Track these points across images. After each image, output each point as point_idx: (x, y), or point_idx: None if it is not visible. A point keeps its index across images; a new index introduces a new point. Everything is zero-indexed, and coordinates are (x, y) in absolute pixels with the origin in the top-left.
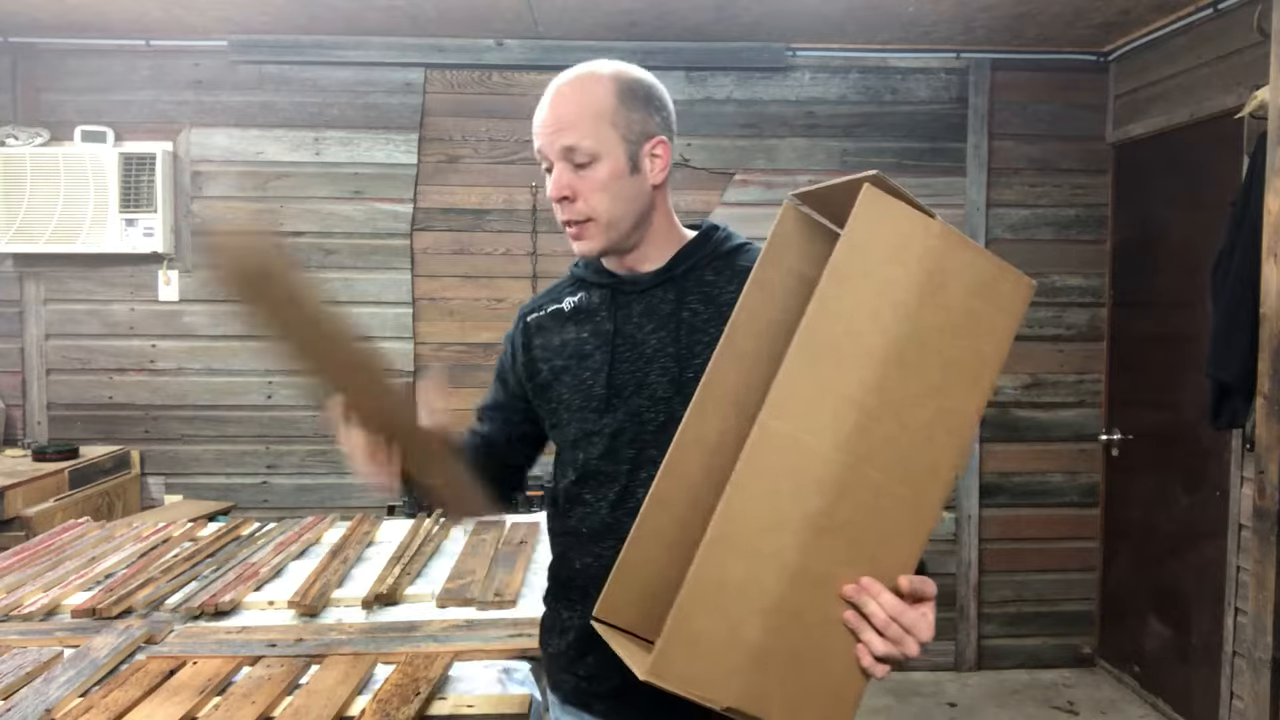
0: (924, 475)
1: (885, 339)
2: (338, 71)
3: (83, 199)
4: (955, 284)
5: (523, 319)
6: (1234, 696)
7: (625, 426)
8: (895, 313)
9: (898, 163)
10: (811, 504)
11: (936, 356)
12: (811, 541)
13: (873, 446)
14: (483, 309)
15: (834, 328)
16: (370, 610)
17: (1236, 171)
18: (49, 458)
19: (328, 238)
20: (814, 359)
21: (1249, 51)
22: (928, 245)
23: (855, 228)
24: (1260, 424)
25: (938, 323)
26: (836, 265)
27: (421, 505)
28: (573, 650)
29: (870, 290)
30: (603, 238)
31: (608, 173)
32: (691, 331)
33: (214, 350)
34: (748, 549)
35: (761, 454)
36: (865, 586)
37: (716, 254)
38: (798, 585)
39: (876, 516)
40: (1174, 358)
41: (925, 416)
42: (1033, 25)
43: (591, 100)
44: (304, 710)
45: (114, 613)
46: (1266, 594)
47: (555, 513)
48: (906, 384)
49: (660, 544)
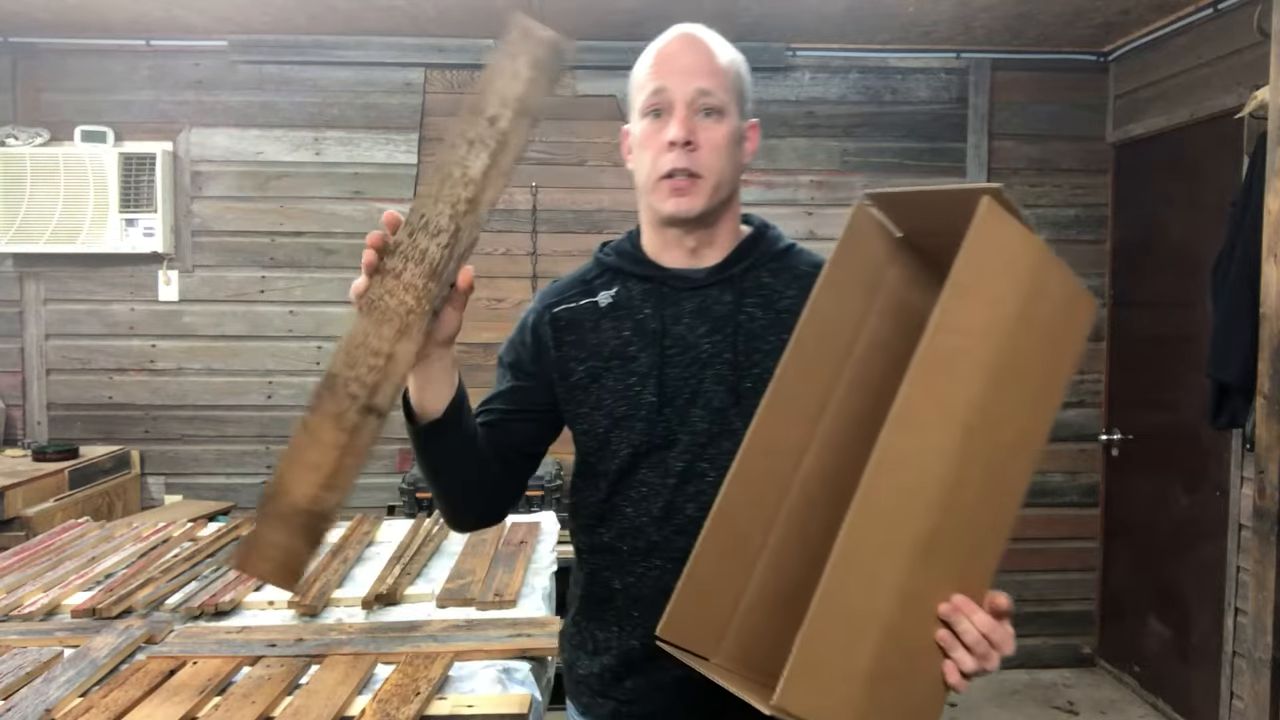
0: (1004, 497)
1: (991, 356)
2: (338, 71)
3: (83, 199)
4: (1047, 303)
5: (548, 309)
6: (1234, 696)
7: (678, 437)
8: (1001, 329)
9: (898, 163)
10: (921, 525)
11: (1026, 376)
12: (917, 564)
13: (971, 467)
14: (483, 309)
15: (952, 341)
16: (370, 610)
17: (1236, 171)
18: (49, 458)
19: (328, 238)
20: (933, 373)
21: (1249, 51)
22: (1031, 262)
23: (976, 240)
24: (1260, 424)
25: (1030, 342)
26: (959, 277)
27: (424, 496)
28: (610, 673)
29: (983, 305)
30: (705, 198)
31: (728, 132)
32: (750, 338)
33: (214, 350)
34: (866, 572)
35: (884, 472)
36: (959, 605)
37: (771, 254)
38: (904, 609)
39: (967, 538)
40: (1174, 358)
41: (1011, 437)
42: (1033, 25)
43: (726, 57)
44: (304, 710)
45: (114, 613)
46: (1266, 594)
47: (583, 526)
48: (1001, 403)
49: (722, 558)
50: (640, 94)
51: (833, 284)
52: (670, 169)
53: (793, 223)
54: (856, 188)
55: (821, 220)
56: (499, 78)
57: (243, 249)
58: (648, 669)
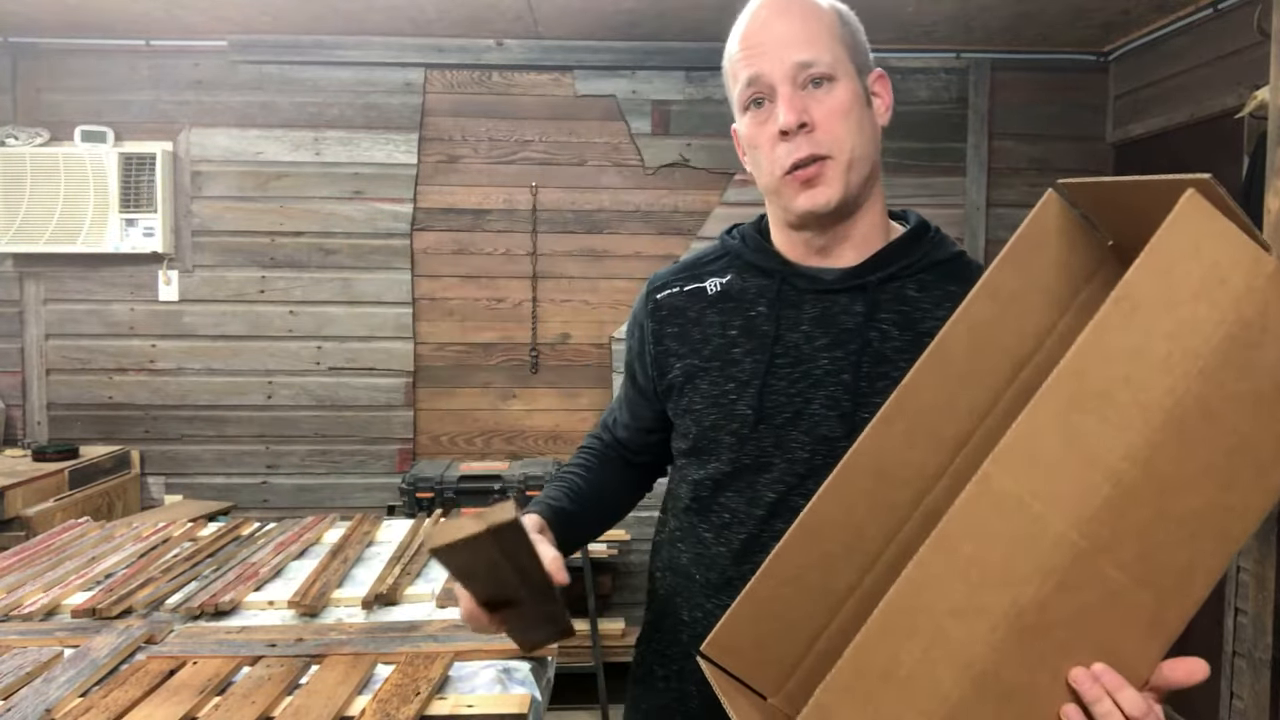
0: (1173, 581)
1: (1171, 398)
2: (338, 71)
3: (83, 199)
4: (1275, 344)
5: (651, 295)
6: (1234, 696)
7: (773, 462)
8: (1191, 366)
9: (898, 163)
10: (1025, 593)
11: (1228, 434)
12: (1012, 640)
13: (1119, 534)
14: (483, 309)
15: (1109, 370)
16: (370, 610)
17: (1236, 171)
18: (49, 458)
19: (328, 238)
20: (1072, 406)
21: (1249, 51)
22: (1253, 285)
23: (1164, 244)
24: None
25: (1240, 390)
26: (1130, 289)
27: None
28: (669, 710)
29: (1166, 330)
30: (841, 183)
31: (849, 96)
32: (878, 360)
33: (214, 350)
34: (930, 631)
35: (976, 514)
36: (1100, 676)
37: (926, 263)
38: (981, 693)
39: (1100, 625)
40: None
41: (1193, 507)
42: (1033, 25)
43: (819, 12)
44: (304, 710)
45: (114, 613)
46: (1266, 594)
47: (665, 539)
48: (1182, 461)
49: (796, 583)
50: (736, 85)
51: (993, 290)
52: (792, 162)
53: None
54: None
55: None
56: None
57: (243, 249)
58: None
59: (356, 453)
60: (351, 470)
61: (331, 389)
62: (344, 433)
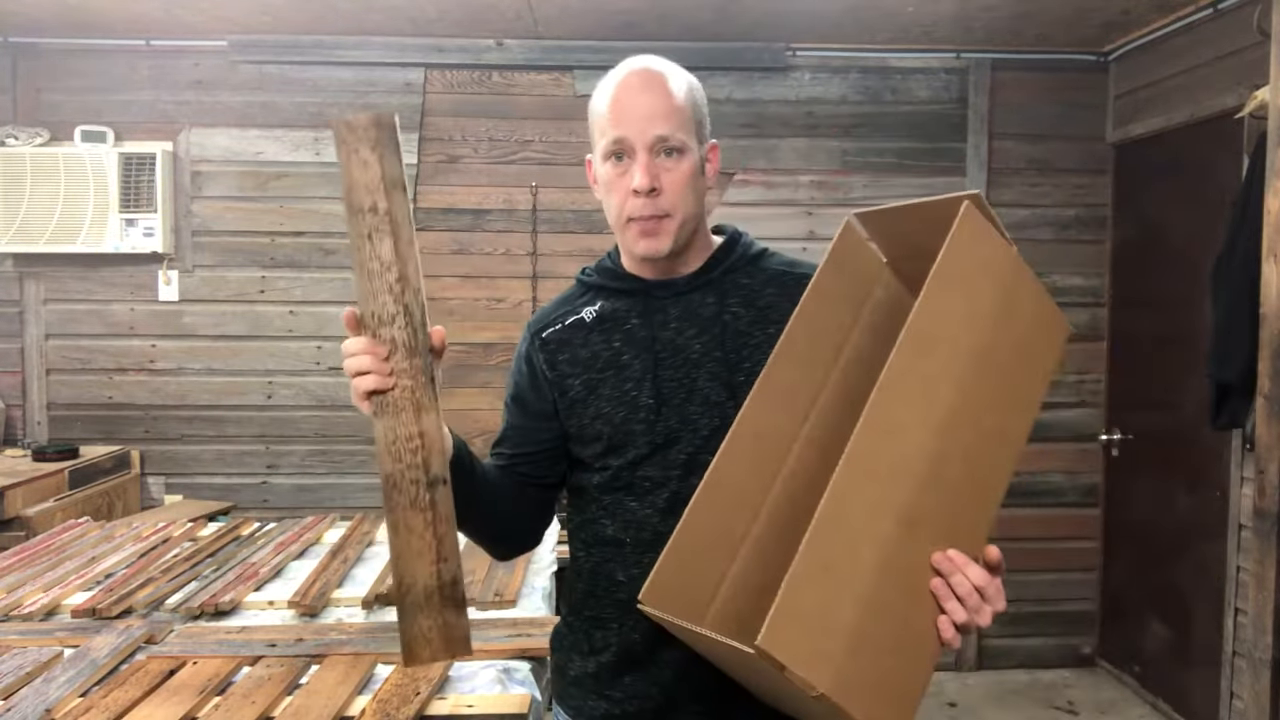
0: (989, 478)
1: (973, 342)
2: (338, 71)
3: (83, 199)
4: (1022, 310)
5: (536, 336)
6: (1234, 696)
7: (680, 434)
8: (982, 321)
9: (898, 163)
10: (906, 493)
11: (1004, 373)
12: (905, 530)
13: (955, 443)
14: (482, 309)
15: (935, 326)
16: (370, 610)
17: (1236, 171)
18: (49, 458)
19: (328, 238)
20: (919, 351)
21: (1249, 51)
22: (1008, 267)
23: (958, 237)
24: (1260, 424)
25: (1008, 340)
26: (941, 268)
27: None
28: (607, 671)
29: (964, 295)
30: (672, 237)
31: (690, 168)
32: (737, 335)
33: (214, 350)
34: (852, 532)
35: (871, 437)
36: (953, 558)
37: (746, 258)
38: (889, 573)
39: (954, 511)
40: (1174, 358)
41: (992, 425)
42: (1033, 25)
43: (678, 93)
44: (304, 710)
45: (114, 613)
46: (1266, 594)
47: (585, 521)
48: (982, 391)
49: (708, 535)
50: (601, 137)
51: (821, 292)
52: (641, 215)
53: (793, 223)
54: (856, 188)
55: (821, 220)
56: (353, 171)
57: (243, 249)
58: (648, 663)
59: (356, 453)
60: (351, 470)
61: (331, 389)
62: (344, 433)
